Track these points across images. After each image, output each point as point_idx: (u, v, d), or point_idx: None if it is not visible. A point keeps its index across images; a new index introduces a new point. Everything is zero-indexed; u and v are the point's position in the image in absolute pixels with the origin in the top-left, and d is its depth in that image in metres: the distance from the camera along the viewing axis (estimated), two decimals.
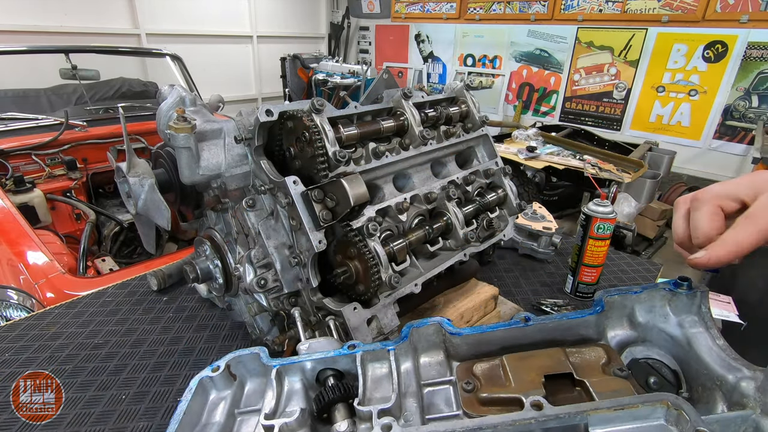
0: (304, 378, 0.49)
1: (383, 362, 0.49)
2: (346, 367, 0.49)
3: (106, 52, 3.27)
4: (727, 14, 3.95)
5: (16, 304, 1.41)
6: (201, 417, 0.47)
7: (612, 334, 0.50)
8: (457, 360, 0.49)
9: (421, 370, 0.49)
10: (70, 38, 4.52)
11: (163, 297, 1.17)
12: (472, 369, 0.46)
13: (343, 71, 5.57)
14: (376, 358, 0.49)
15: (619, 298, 0.49)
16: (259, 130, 0.78)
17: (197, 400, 0.47)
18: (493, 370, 0.45)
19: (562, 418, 0.36)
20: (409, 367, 0.49)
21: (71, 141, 2.44)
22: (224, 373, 0.49)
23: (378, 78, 1.09)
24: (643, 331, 0.49)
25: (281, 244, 0.81)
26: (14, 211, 1.84)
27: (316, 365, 0.48)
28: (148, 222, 0.93)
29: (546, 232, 1.35)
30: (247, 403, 0.49)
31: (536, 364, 0.44)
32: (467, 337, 0.48)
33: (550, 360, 0.44)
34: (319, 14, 7.22)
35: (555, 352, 0.45)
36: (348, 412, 0.44)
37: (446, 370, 0.48)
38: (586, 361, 0.45)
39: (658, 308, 0.49)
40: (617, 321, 0.50)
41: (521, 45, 5.36)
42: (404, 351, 0.49)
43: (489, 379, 0.45)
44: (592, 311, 0.49)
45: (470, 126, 1.04)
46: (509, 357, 0.46)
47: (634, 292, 0.49)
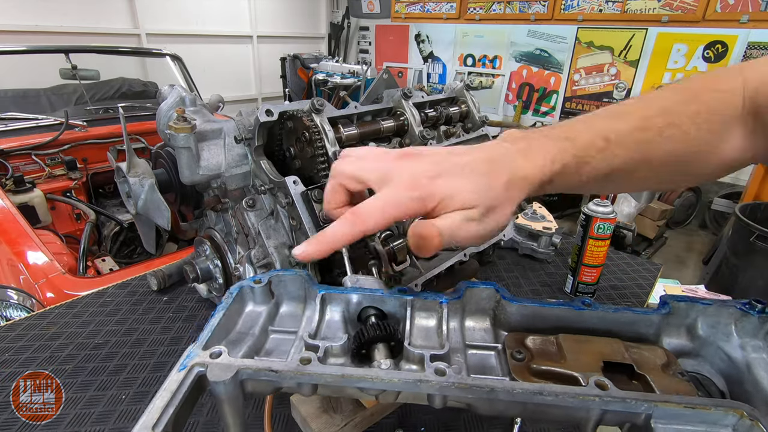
0: (346, 311, 0.48)
1: (431, 314, 0.48)
2: (392, 310, 0.48)
3: (106, 52, 3.27)
4: (727, 14, 3.95)
5: (16, 304, 1.41)
6: (236, 325, 0.46)
7: (668, 340, 0.48)
8: (505, 330, 0.48)
9: (467, 332, 0.48)
10: (70, 38, 4.52)
11: (163, 297, 1.17)
12: (524, 340, 0.45)
13: (343, 71, 5.57)
14: (425, 308, 0.48)
15: (685, 306, 0.47)
16: (259, 130, 0.78)
17: (235, 307, 0.47)
18: (547, 345, 0.44)
19: (629, 402, 0.34)
20: (455, 326, 0.48)
21: (71, 141, 2.44)
22: (265, 288, 0.48)
23: (378, 78, 1.09)
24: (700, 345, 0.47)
25: (281, 244, 0.81)
26: (14, 211, 1.84)
27: (362, 300, 0.47)
28: (148, 222, 0.94)
29: (546, 232, 1.35)
30: (280, 323, 0.48)
31: (594, 349, 0.42)
32: (523, 307, 0.47)
33: (609, 348, 0.43)
34: (319, 14, 7.22)
35: (614, 342, 0.44)
36: (388, 353, 0.43)
37: (492, 337, 0.48)
38: (644, 358, 0.43)
39: (723, 326, 0.47)
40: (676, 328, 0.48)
41: (521, 45, 5.36)
42: (454, 309, 0.49)
43: (542, 353, 0.43)
44: (657, 311, 0.47)
45: (470, 126, 1.05)
46: (565, 336, 0.44)
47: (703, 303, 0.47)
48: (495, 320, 0.49)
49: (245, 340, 0.44)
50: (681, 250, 4.10)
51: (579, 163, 0.46)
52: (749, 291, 2.70)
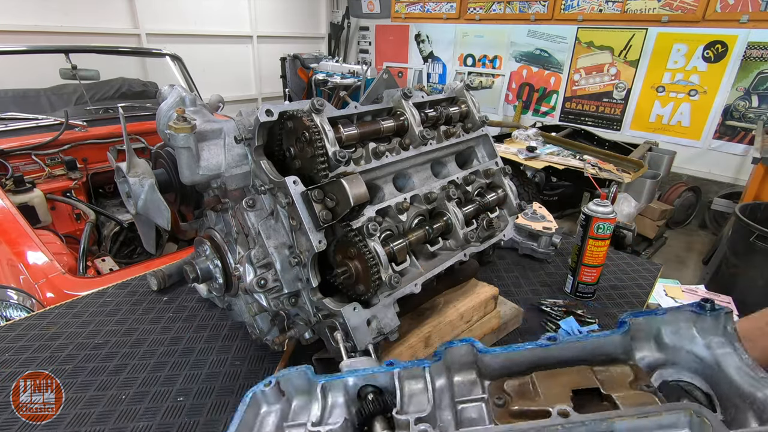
0: (346, 393, 0.53)
1: (419, 379, 0.52)
2: (385, 383, 0.52)
3: (106, 52, 3.27)
4: (727, 14, 3.95)
5: (16, 304, 1.41)
6: (253, 428, 0.50)
7: (640, 355, 0.51)
8: (489, 379, 0.52)
9: (455, 388, 0.52)
10: (70, 38, 4.52)
11: (163, 297, 1.17)
12: (503, 386, 0.49)
13: (343, 71, 5.57)
14: (412, 376, 0.52)
15: (644, 320, 0.50)
16: (259, 130, 0.78)
17: (250, 412, 0.51)
18: (523, 386, 0.48)
19: (588, 425, 0.38)
20: (443, 384, 0.52)
21: (71, 141, 2.44)
22: (275, 389, 0.52)
23: (378, 78, 1.09)
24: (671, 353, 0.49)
25: (281, 244, 0.81)
26: (14, 211, 1.84)
27: (357, 381, 0.52)
28: (148, 222, 0.94)
29: (546, 232, 1.35)
30: (293, 417, 0.52)
31: (564, 380, 0.46)
32: (497, 355, 0.50)
33: (578, 376, 0.46)
34: (319, 14, 7.22)
35: (582, 369, 0.47)
36: (386, 425, 0.47)
37: (479, 389, 0.51)
38: (612, 378, 0.46)
39: (684, 330, 0.49)
40: (644, 343, 0.51)
41: (521, 45, 5.36)
42: (438, 369, 0.53)
43: (519, 395, 0.47)
44: (616, 331, 0.50)
45: (470, 126, 1.04)
46: (538, 374, 0.48)
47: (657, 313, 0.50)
48: (479, 371, 0.52)
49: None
50: (681, 250, 4.10)
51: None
52: (749, 291, 2.70)
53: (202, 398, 0.84)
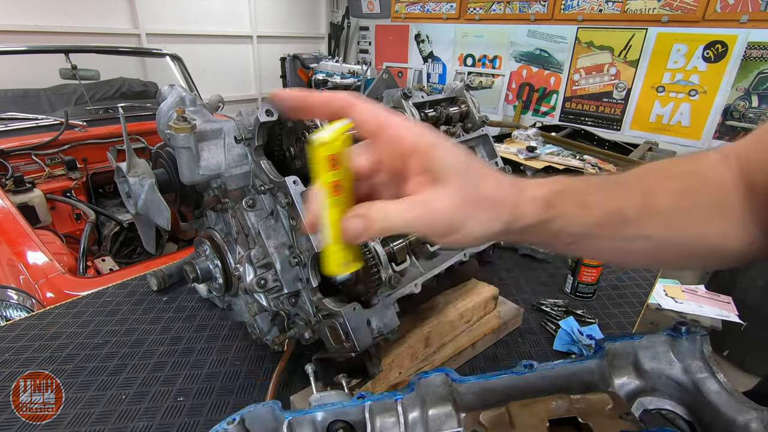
0: (314, 430, 0.50)
1: (391, 413, 0.50)
2: (356, 418, 0.50)
3: (106, 52, 3.27)
4: (727, 14, 3.95)
5: (16, 304, 1.41)
6: None
7: (619, 382, 0.49)
8: (464, 411, 0.50)
9: (429, 421, 0.50)
10: (70, 38, 4.51)
11: (163, 297, 1.17)
12: (479, 418, 0.47)
13: (343, 71, 5.57)
14: (385, 409, 0.50)
15: (621, 345, 0.49)
16: (259, 130, 0.78)
17: None
18: (499, 417, 0.46)
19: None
20: (416, 417, 0.50)
21: (71, 141, 2.44)
22: (238, 426, 0.49)
23: (378, 78, 1.09)
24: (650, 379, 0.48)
25: (281, 244, 0.81)
26: (14, 211, 1.84)
27: (326, 416, 0.50)
28: (148, 222, 0.94)
29: None
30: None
31: (540, 409, 0.45)
32: (472, 385, 0.49)
33: (554, 405, 0.45)
34: (319, 14, 7.22)
35: (559, 398, 0.46)
36: None
37: (454, 421, 0.50)
38: (591, 407, 0.45)
39: (662, 354, 0.48)
40: (623, 369, 0.49)
41: (521, 45, 5.36)
42: (412, 401, 0.51)
43: (495, 426, 0.45)
44: (593, 356, 0.49)
45: (470, 126, 1.04)
46: (513, 404, 0.46)
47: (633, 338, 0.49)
48: (455, 404, 0.51)
49: None
50: None
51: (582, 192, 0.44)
52: (749, 291, 2.71)
53: (202, 398, 0.84)
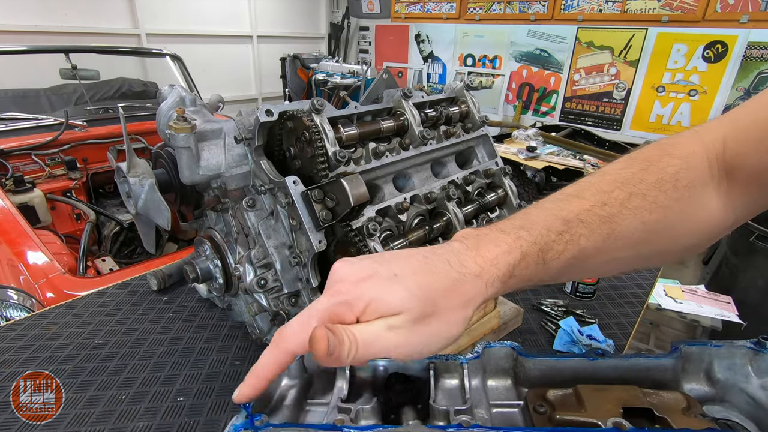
0: (374, 379, 0.50)
1: (453, 374, 0.50)
2: (416, 373, 0.50)
3: (106, 52, 3.27)
4: (727, 14, 3.95)
5: (16, 304, 1.41)
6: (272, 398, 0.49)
7: (688, 387, 0.48)
8: (526, 386, 0.50)
9: (489, 391, 0.50)
10: (70, 38, 4.51)
11: (163, 297, 1.17)
12: (545, 394, 0.46)
13: (343, 71, 5.57)
14: (447, 369, 0.50)
15: (697, 350, 0.47)
16: (259, 130, 0.78)
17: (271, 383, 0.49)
18: (567, 397, 0.45)
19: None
20: (478, 384, 0.50)
21: (71, 141, 2.44)
22: (298, 363, 0.51)
23: (378, 78, 1.09)
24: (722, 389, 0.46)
25: (281, 244, 0.81)
26: (14, 211, 1.84)
27: (389, 367, 0.50)
28: (148, 222, 0.94)
29: None
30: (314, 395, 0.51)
31: (613, 396, 0.43)
32: (540, 362, 0.48)
33: (627, 395, 0.43)
34: (319, 14, 7.22)
35: (631, 389, 0.44)
36: (415, 415, 0.45)
37: (514, 395, 0.49)
38: (664, 403, 0.43)
39: (739, 366, 0.46)
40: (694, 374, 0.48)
41: (521, 45, 5.36)
42: (475, 368, 0.50)
43: (563, 405, 0.44)
44: (668, 355, 0.47)
45: (470, 126, 1.04)
46: (583, 387, 0.45)
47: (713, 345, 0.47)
48: (516, 378, 0.50)
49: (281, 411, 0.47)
50: None
51: (541, 251, 0.42)
52: (749, 291, 2.70)
53: (202, 398, 0.84)
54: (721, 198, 0.48)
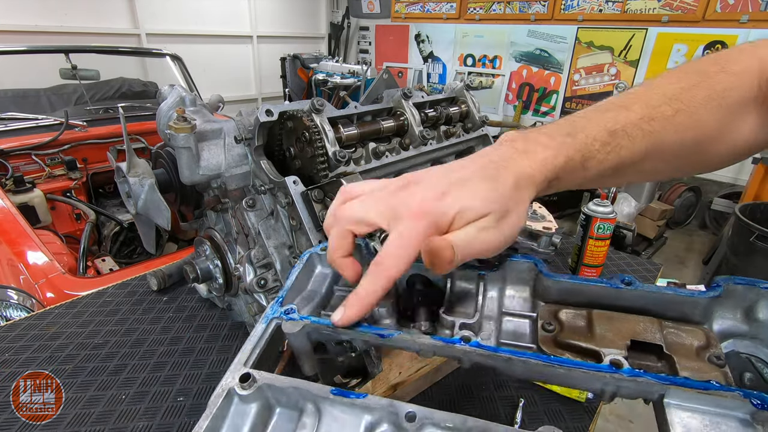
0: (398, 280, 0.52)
1: (471, 282, 0.51)
2: (435, 277, 0.52)
3: (106, 52, 3.27)
4: (727, 14, 3.95)
5: (16, 304, 1.41)
6: (308, 284, 0.53)
7: (720, 321, 0.44)
8: (543, 301, 0.49)
9: (505, 299, 0.50)
10: (70, 38, 4.52)
11: (163, 297, 1.17)
12: (557, 313, 0.45)
13: (343, 71, 5.57)
14: (465, 278, 0.51)
15: (743, 288, 0.43)
16: (259, 130, 0.78)
17: (306, 271, 0.53)
18: (578, 320, 0.44)
19: (640, 383, 0.34)
20: (494, 295, 0.50)
21: (71, 141, 2.44)
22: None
23: (378, 78, 1.09)
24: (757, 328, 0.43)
25: (281, 244, 0.81)
26: (14, 211, 1.84)
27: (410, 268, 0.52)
28: (148, 222, 0.94)
29: (546, 232, 1.34)
30: (344, 282, 0.54)
31: (625, 327, 0.42)
32: (559, 282, 0.47)
33: (641, 327, 0.41)
34: (319, 14, 7.22)
35: (649, 321, 0.42)
36: (429, 316, 0.48)
37: (529, 306, 0.49)
38: (680, 339, 0.41)
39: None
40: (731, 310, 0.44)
41: (521, 45, 5.37)
42: (493, 279, 0.51)
43: (571, 327, 0.43)
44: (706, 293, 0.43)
45: (470, 126, 1.05)
46: (598, 313, 0.44)
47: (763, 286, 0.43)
48: (534, 291, 0.50)
49: (315, 297, 0.51)
50: (681, 250, 4.10)
51: (584, 158, 0.44)
52: None
53: (202, 398, 0.84)
54: (762, 117, 0.48)
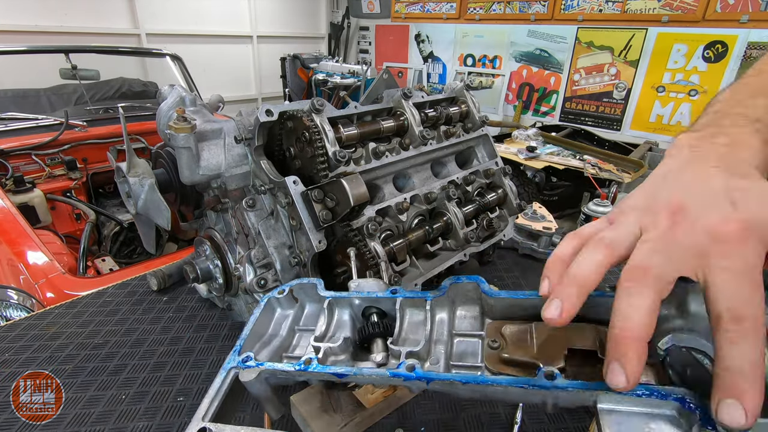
0: (352, 311, 0.55)
1: (420, 309, 0.52)
2: (388, 308, 0.54)
3: (106, 52, 3.27)
4: (727, 14, 3.95)
5: (16, 304, 1.41)
6: (268, 328, 0.54)
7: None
8: (490, 318, 0.51)
9: (456, 321, 0.52)
10: (70, 38, 4.52)
11: (163, 297, 1.17)
12: (501, 329, 0.47)
13: (343, 71, 5.57)
14: (414, 305, 0.53)
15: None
16: (259, 130, 0.78)
17: (266, 314, 0.55)
18: (521, 334, 0.46)
19: (571, 392, 0.36)
20: (444, 317, 0.52)
21: (71, 141, 2.45)
22: (288, 296, 0.56)
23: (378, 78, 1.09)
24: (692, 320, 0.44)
25: (281, 244, 0.81)
26: (14, 211, 1.84)
27: (362, 303, 0.54)
28: (148, 222, 0.94)
29: (546, 232, 1.35)
30: (305, 322, 0.56)
31: (563, 336, 0.44)
32: (501, 299, 0.49)
33: (578, 335, 0.44)
34: (319, 14, 7.22)
35: (586, 328, 0.44)
36: (385, 347, 0.49)
37: (479, 325, 0.51)
38: None
39: None
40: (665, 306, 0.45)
41: (521, 45, 5.37)
42: (441, 302, 0.52)
43: (515, 342, 0.45)
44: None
45: (470, 126, 1.04)
46: (538, 325, 0.46)
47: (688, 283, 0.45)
48: (483, 309, 0.52)
49: (275, 340, 0.53)
50: None
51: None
52: None
53: (201, 398, 0.84)
54: None
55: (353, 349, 0.51)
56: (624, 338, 0.33)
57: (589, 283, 0.37)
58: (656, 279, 0.34)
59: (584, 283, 0.37)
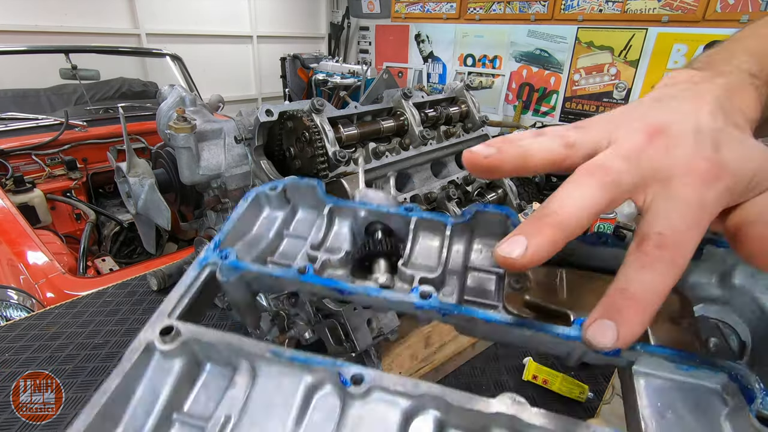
0: (354, 224, 0.47)
1: (436, 233, 0.46)
2: (397, 226, 0.47)
3: (106, 52, 3.27)
4: (727, 14, 3.95)
5: (16, 304, 1.41)
6: (253, 227, 0.47)
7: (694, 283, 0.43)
8: None
9: (473, 253, 0.46)
10: (70, 38, 4.52)
11: (163, 297, 1.16)
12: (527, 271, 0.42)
13: (343, 71, 5.57)
14: (430, 228, 0.46)
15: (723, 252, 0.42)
16: (259, 130, 0.78)
17: (251, 210, 0.47)
18: (549, 277, 0.41)
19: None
20: (460, 248, 0.46)
21: (71, 141, 2.45)
22: (280, 194, 0.48)
23: (378, 78, 1.09)
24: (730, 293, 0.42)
25: None
26: (14, 211, 1.84)
27: (368, 215, 0.47)
28: (148, 222, 0.94)
29: None
30: (295, 228, 0.48)
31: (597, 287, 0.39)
32: None
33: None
34: (319, 14, 7.22)
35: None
36: (388, 268, 0.43)
37: None
38: None
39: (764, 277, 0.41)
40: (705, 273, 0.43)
41: (521, 45, 5.37)
42: (460, 230, 0.46)
43: (541, 285, 0.41)
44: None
45: (470, 126, 1.05)
46: (570, 271, 0.41)
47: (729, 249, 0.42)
48: None
49: (260, 242, 0.46)
50: None
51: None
52: None
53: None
54: None
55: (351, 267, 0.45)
56: (543, 217, 0.29)
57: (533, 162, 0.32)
58: (613, 183, 0.30)
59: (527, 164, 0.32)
